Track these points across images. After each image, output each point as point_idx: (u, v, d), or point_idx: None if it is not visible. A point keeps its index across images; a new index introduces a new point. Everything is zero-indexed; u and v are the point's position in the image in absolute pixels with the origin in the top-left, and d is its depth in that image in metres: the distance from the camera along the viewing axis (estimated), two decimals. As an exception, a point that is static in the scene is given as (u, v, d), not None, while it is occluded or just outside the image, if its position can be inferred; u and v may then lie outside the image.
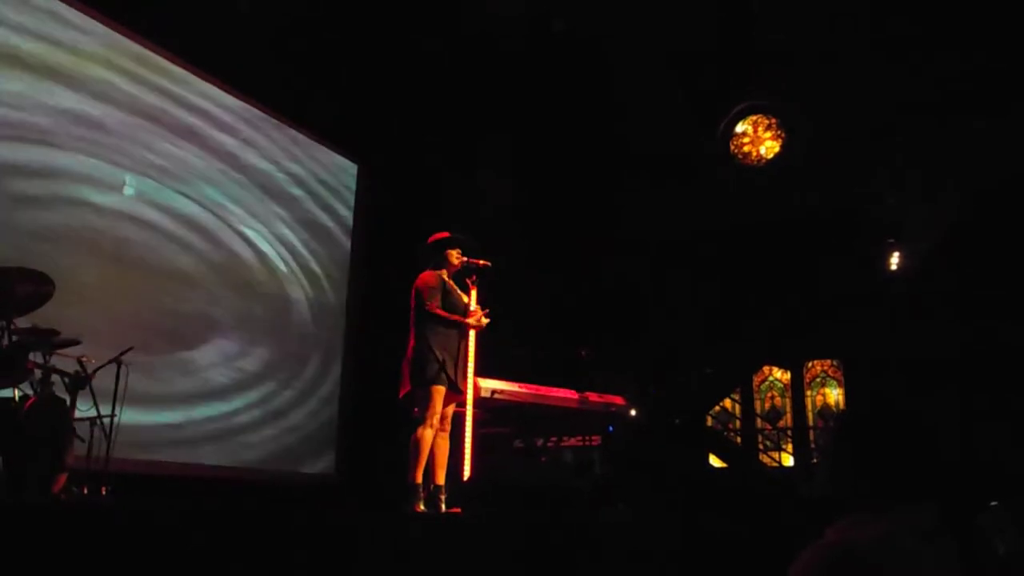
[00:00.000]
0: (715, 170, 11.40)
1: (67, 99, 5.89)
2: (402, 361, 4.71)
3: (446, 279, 4.84)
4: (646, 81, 9.78)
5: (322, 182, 8.22)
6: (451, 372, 4.62)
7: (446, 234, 4.94)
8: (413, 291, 4.73)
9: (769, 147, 11.92)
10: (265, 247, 7.48)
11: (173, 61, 6.71)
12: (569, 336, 8.73)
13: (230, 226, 7.13)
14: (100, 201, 6.03)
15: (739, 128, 12.12)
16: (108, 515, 2.71)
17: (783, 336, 10.61)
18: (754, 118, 12.07)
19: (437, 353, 4.57)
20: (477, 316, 4.79)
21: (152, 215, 6.41)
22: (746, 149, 12.06)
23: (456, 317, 4.69)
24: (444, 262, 4.87)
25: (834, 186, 10.09)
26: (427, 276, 4.78)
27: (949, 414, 7.84)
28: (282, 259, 7.65)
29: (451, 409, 4.78)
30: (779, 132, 11.89)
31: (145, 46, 6.51)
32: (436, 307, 4.65)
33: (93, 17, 6.11)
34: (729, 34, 9.69)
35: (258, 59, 7.11)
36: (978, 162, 8.87)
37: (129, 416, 4.85)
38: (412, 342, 4.68)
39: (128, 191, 6.25)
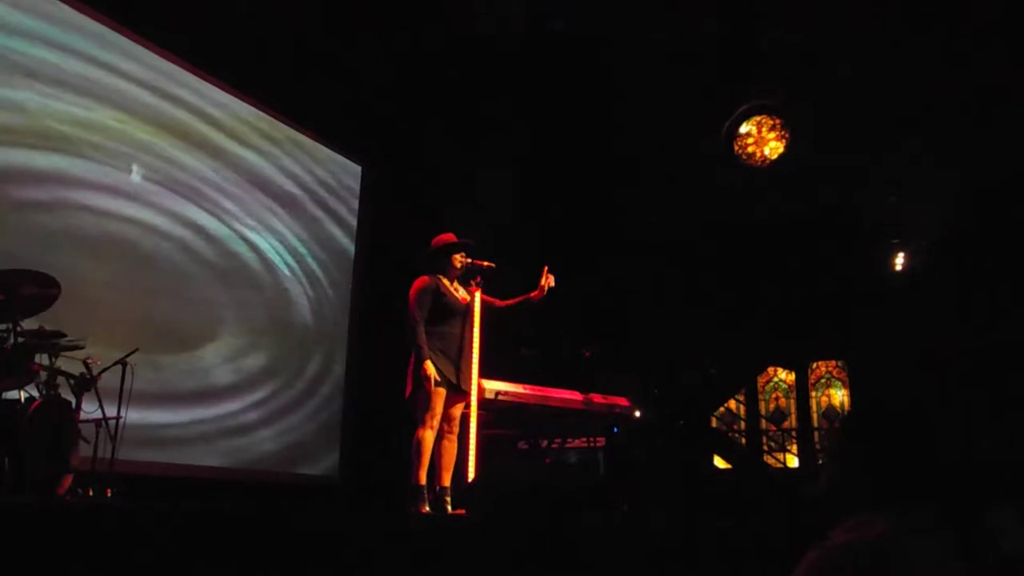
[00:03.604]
0: (717, 170, 11.38)
1: (71, 103, 5.90)
2: (407, 363, 4.70)
3: (442, 282, 4.79)
4: (646, 81, 9.77)
5: (325, 184, 8.23)
6: (449, 374, 4.61)
7: (450, 237, 4.87)
8: (408, 297, 4.71)
9: (773, 148, 11.88)
10: (268, 249, 7.47)
11: (174, 62, 6.70)
12: (573, 336, 8.72)
13: (233, 228, 7.12)
14: (104, 204, 6.05)
15: (743, 128, 12.09)
16: (113, 516, 2.72)
17: (787, 337, 10.58)
18: (758, 118, 12.02)
19: (434, 355, 4.58)
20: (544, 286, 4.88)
21: (156, 218, 6.41)
22: (750, 150, 12.02)
23: (421, 340, 4.58)
24: (445, 266, 4.83)
25: (836, 185, 10.08)
26: (420, 283, 4.72)
27: (951, 414, 7.82)
28: (285, 261, 7.64)
29: (459, 411, 4.76)
30: (783, 132, 11.87)
31: (148, 47, 6.51)
32: (420, 320, 4.60)
33: (90, 16, 6.08)
34: (729, 34, 9.68)
35: (259, 61, 7.10)
36: (980, 161, 8.84)
37: (134, 418, 4.86)
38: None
39: (132, 194, 6.26)
